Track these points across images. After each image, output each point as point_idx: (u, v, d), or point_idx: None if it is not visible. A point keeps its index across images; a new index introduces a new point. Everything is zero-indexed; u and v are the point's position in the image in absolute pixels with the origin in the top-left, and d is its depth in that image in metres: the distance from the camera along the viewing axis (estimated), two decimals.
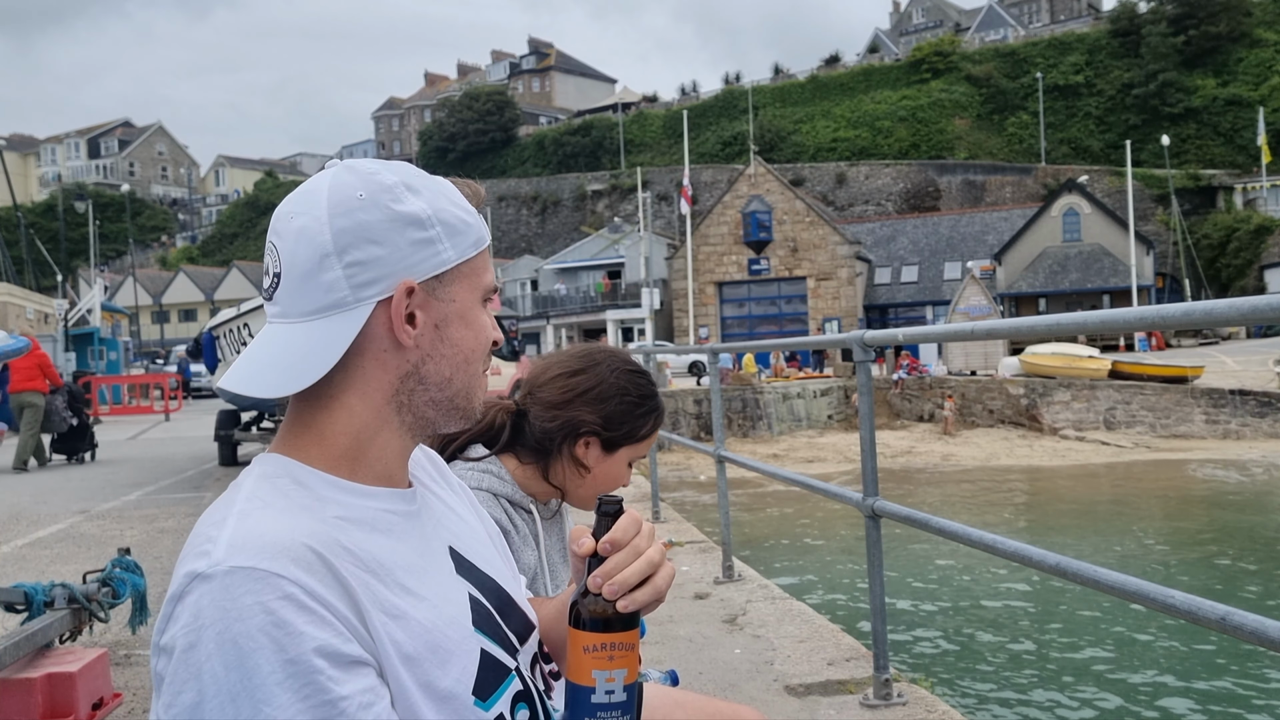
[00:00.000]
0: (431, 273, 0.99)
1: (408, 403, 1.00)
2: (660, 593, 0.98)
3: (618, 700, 0.95)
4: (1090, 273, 43.41)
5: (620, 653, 0.95)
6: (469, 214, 1.04)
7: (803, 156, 69.55)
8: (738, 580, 5.16)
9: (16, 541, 7.26)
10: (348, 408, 0.99)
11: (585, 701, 0.95)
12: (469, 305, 1.03)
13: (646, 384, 1.82)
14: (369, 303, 0.96)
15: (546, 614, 1.18)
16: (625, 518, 1.00)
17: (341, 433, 0.99)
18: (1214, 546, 13.08)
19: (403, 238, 0.97)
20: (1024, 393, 25.52)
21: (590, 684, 0.95)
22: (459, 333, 1.02)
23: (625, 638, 0.96)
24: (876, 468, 3.33)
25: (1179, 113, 61.41)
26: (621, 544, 0.98)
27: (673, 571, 1.01)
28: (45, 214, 78.86)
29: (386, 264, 0.96)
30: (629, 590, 0.96)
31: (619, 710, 0.95)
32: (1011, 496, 17.85)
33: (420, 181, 1.02)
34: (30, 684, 3.30)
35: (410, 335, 0.98)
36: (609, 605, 0.96)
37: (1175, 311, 1.97)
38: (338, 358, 0.96)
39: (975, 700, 7.39)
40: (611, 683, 0.95)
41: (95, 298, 30.81)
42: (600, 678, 0.95)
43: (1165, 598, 1.95)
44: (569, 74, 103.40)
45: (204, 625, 0.82)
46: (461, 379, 1.03)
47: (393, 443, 1.01)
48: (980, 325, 2.69)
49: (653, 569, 0.98)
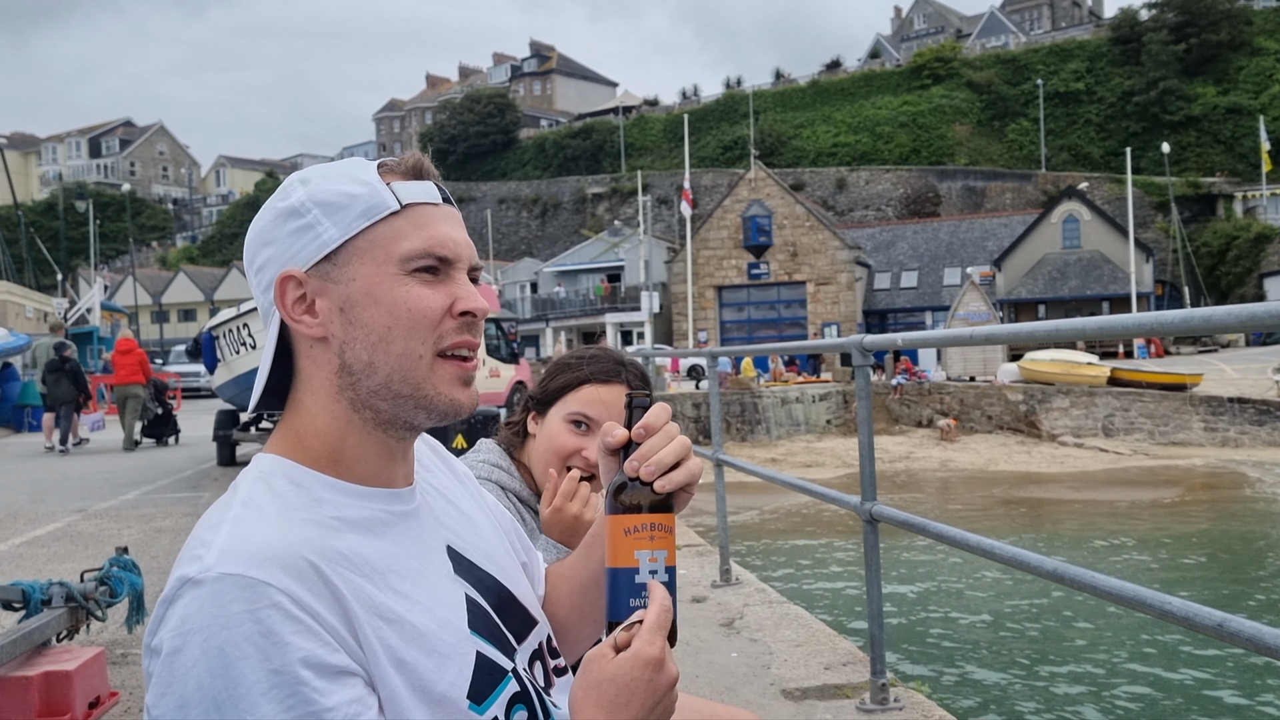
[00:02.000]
0: (315, 256, 0.96)
1: (355, 397, 0.98)
2: (694, 475, 1.02)
3: (662, 580, 0.98)
4: (1090, 280, 43.44)
5: (660, 533, 0.99)
6: (360, 185, 0.97)
7: (803, 161, 69.61)
8: (735, 584, 5.16)
9: (14, 540, 7.26)
10: (308, 410, 1.00)
11: (629, 583, 0.98)
12: (375, 281, 0.96)
13: (585, 350, 1.84)
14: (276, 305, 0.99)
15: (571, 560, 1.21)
16: (657, 406, 1.04)
17: (311, 434, 0.99)
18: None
19: (284, 231, 0.98)
20: (1023, 399, 25.54)
21: (634, 565, 0.98)
22: (367, 312, 0.96)
23: (664, 519, 1.00)
24: (875, 472, 3.33)
25: (1179, 120, 61.50)
26: (655, 428, 1.02)
27: (702, 465, 1.04)
28: (46, 213, 78.82)
29: (275, 261, 0.98)
30: (665, 470, 1.00)
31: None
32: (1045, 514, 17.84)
33: (318, 173, 1.00)
34: (27, 682, 3.30)
35: (312, 324, 0.97)
36: (646, 489, 1.00)
37: (1174, 318, 1.98)
38: (269, 364, 0.99)
39: (972, 706, 7.38)
40: (654, 562, 0.98)
41: (95, 297, 30.79)
42: (643, 557, 0.98)
43: (1162, 604, 1.95)
44: (570, 77, 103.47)
45: (191, 630, 0.83)
46: (384, 361, 0.96)
47: (367, 442, 0.99)
48: (979, 331, 2.69)
49: (686, 452, 1.02)
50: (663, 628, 0.94)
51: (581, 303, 51.46)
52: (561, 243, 67.51)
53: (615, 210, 69.46)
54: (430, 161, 1.05)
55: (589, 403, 1.74)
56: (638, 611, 0.96)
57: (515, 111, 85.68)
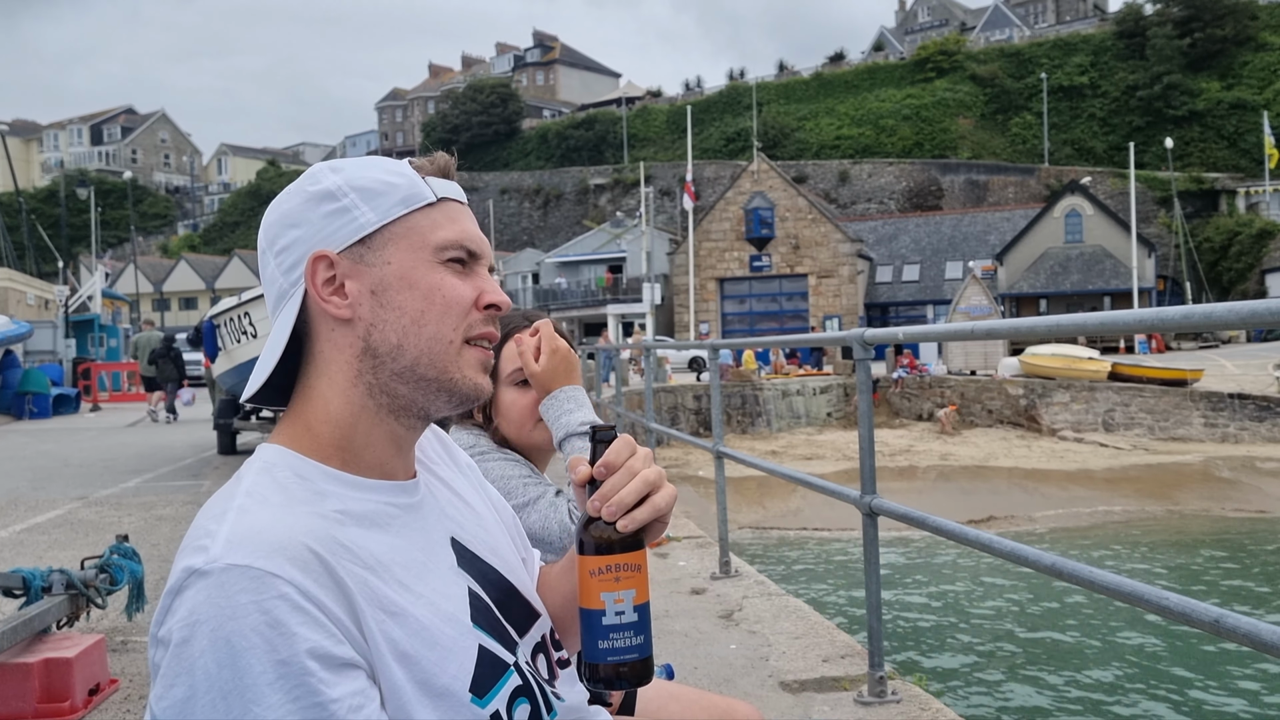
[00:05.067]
0: (351, 239, 0.98)
1: (374, 382, 0.98)
2: (660, 510, 0.99)
3: (629, 620, 0.97)
4: (1091, 274, 43.39)
5: (626, 573, 0.97)
6: (398, 176, 1.00)
7: (806, 154, 69.48)
8: (734, 576, 5.17)
9: (14, 526, 7.27)
10: (321, 395, 1.00)
11: (598, 624, 0.97)
12: (410, 266, 0.98)
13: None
14: (300, 284, 0.99)
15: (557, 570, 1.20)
16: (618, 441, 1.01)
17: (323, 422, 0.99)
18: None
19: (316, 213, 0.99)
20: (1023, 393, 25.52)
21: (600, 606, 0.97)
22: (400, 296, 0.97)
23: (629, 558, 0.98)
24: (874, 465, 3.33)
25: (1183, 115, 61.31)
26: (615, 466, 1.00)
27: (673, 493, 1.01)
28: (47, 200, 78.72)
29: (305, 242, 0.99)
30: (628, 510, 0.98)
31: (631, 630, 0.97)
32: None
33: (350, 163, 1.02)
34: (27, 669, 3.31)
35: (340, 305, 0.98)
36: (610, 528, 0.98)
37: (1175, 314, 1.97)
38: (282, 345, 0.99)
39: (970, 699, 7.40)
40: (621, 604, 0.97)
41: (96, 284, 30.79)
42: (609, 600, 0.97)
43: (1159, 599, 1.95)
44: (573, 67, 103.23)
45: (198, 621, 0.83)
46: (414, 344, 0.98)
47: (376, 430, 1.00)
48: (980, 325, 2.69)
49: (650, 488, 0.99)
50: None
51: (583, 294, 51.44)
52: (564, 233, 67.45)
53: (618, 201, 69.37)
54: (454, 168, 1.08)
55: (514, 358, 1.87)
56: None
57: (518, 101, 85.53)
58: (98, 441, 14.24)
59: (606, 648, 0.97)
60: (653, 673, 0.99)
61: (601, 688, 0.99)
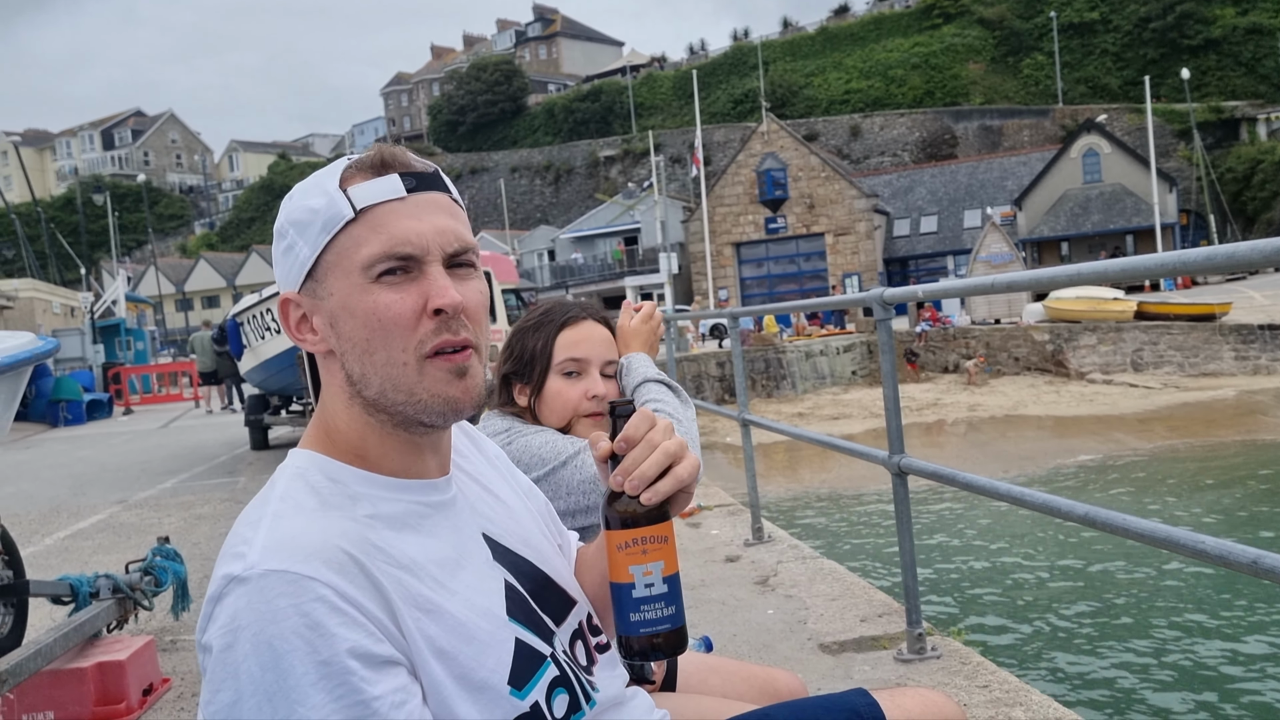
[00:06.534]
0: (299, 277, 0.99)
1: (365, 403, 1.00)
2: (683, 482, 0.99)
3: (659, 592, 0.98)
4: (1112, 213, 42.83)
5: (653, 545, 0.98)
6: (320, 198, 0.97)
7: (815, 111, 68.81)
8: (768, 541, 5.19)
9: (59, 534, 7.40)
10: (331, 410, 1.03)
11: (628, 598, 0.98)
12: (347, 293, 0.96)
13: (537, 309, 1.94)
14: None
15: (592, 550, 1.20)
16: (636, 415, 1.01)
17: (339, 433, 1.02)
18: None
19: (278, 253, 1.02)
20: (1049, 338, 25.32)
21: (629, 580, 0.98)
22: (347, 326, 0.97)
23: (655, 531, 0.99)
24: (901, 425, 3.33)
25: (1198, 45, 60.13)
26: (635, 439, 1.00)
27: (696, 463, 1.01)
28: (64, 207, 79.32)
29: (279, 283, 1.03)
30: (650, 483, 0.98)
31: (662, 602, 0.98)
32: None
33: (300, 187, 1.01)
34: (82, 673, 3.39)
35: (314, 341, 1.00)
36: (634, 501, 0.98)
37: (1196, 256, 1.95)
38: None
39: (1009, 653, 7.41)
40: (649, 575, 0.98)
41: (119, 289, 31.04)
42: (638, 573, 0.98)
43: (1195, 544, 1.95)
44: (575, 39, 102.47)
45: (240, 627, 0.85)
46: (372, 372, 0.97)
47: (388, 440, 1.01)
48: (1000, 279, 2.67)
49: (671, 460, 0.99)
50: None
51: (600, 268, 51.34)
52: (576, 208, 67.29)
53: (628, 172, 69.07)
54: (399, 148, 1.01)
55: (569, 347, 1.85)
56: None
57: (522, 78, 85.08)
58: (132, 445, 14.43)
59: (638, 620, 0.98)
60: (686, 643, 1.00)
61: (637, 660, 1.00)
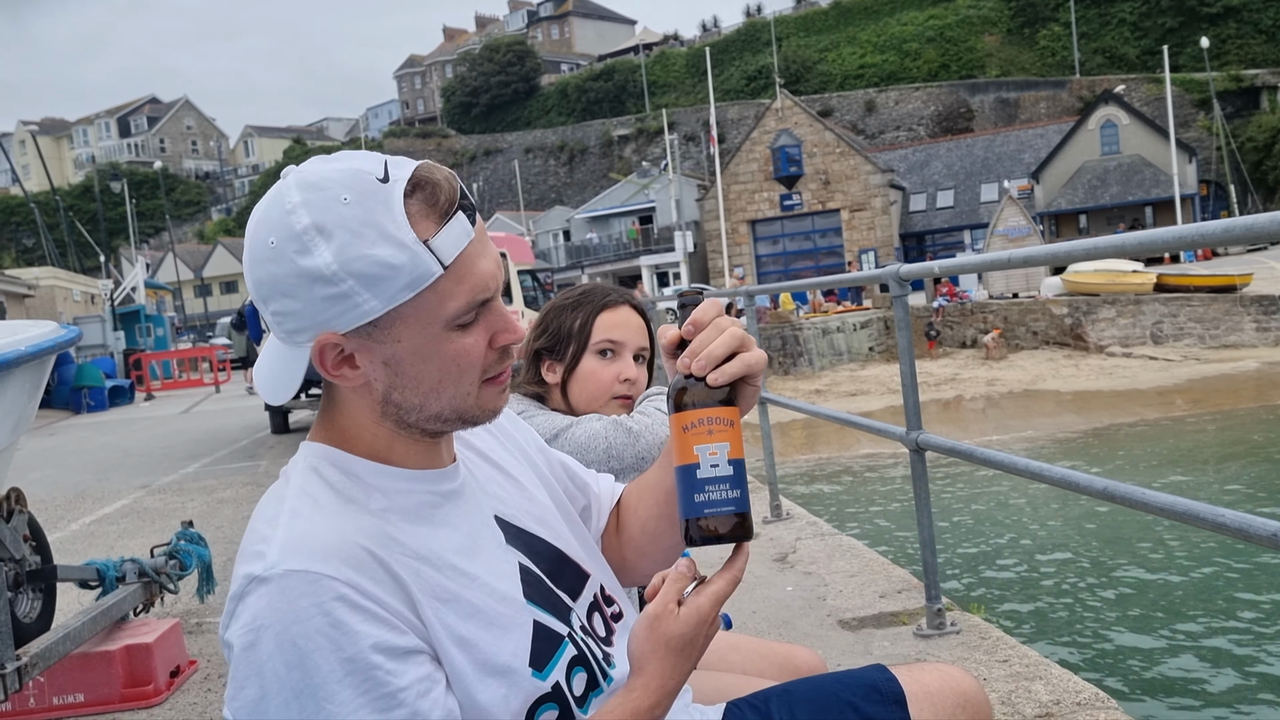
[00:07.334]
0: (355, 324, 0.93)
1: (403, 419, 1.00)
2: (750, 367, 1.00)
3: (723, 474, 0.98)
4: (1131, 185, 42.39)
5: (718, 427, 0.99)
6: (397, 253, 0.90)
7: (830, 86, 68.26)
8: (786, 519, 5.21)
9: (85, 519, 7.50)
10: (355, 418, 1.01)
11: (693, 479, 0.98)
12: (422, 341, 0.94)
13: (574, 291, 1.96)
14: (304, 346, 0.96)
15: (650, 475, 1.21)
16: (706, 302, 1.03)
17: (357, 437, 1.01)
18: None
19: (312, 294, 0.92)
20: (1068, 312, 25.15)
21: (694, 460, 0.98)
22: (416, 368, 0.95)
23: (721, 412, 0.99)
24: (918, 401, 3.33)
25: (1217, 12, 59.22)
26: (703, 323, 1.02)
27: (763, 355, 1.02)
28: (82, 195, 79.81)
29: (303, 317, 0.94)
30: (718, 363, 0.99)
31: (726, 483, 0.98)
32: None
33: (338, 220, 0.90)
34: (110, 656, 3.44)
35: (352, 376, 0.96)
36: (700, 383, 1.00)
37: (1215, 229, 1.94)
38: (298, 383, 0.99)
39: (1030, 627, 7.42)
40: (715, 456, 0.98)
41: (138, 276, 31.28)
42: (703, 452, 0.98)
43: (1215, 516, 1.95)
44: (587, 18, 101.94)
45: (264, 626, 0.87)
46: (434, 403, 0.98)
47: (412, 446, 1.02)
48: (1016, 254, 2.66)
49: (739, 343, 1.00)
50: (726, 596, 0.99)
51: (615, 247, 51.26)
52: (591, 188, 67.11)
53: (643, 151, 68.80)
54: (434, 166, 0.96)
55: (607, 329, 1.88)
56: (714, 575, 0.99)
57: (535, 58, 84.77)
58: (154, 430, 14.57)
59: (703, 500, 0.98)
60: (751, 530, 1.00)
61: (699, 545, 0.99)
